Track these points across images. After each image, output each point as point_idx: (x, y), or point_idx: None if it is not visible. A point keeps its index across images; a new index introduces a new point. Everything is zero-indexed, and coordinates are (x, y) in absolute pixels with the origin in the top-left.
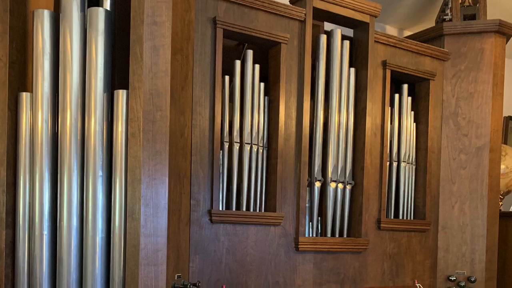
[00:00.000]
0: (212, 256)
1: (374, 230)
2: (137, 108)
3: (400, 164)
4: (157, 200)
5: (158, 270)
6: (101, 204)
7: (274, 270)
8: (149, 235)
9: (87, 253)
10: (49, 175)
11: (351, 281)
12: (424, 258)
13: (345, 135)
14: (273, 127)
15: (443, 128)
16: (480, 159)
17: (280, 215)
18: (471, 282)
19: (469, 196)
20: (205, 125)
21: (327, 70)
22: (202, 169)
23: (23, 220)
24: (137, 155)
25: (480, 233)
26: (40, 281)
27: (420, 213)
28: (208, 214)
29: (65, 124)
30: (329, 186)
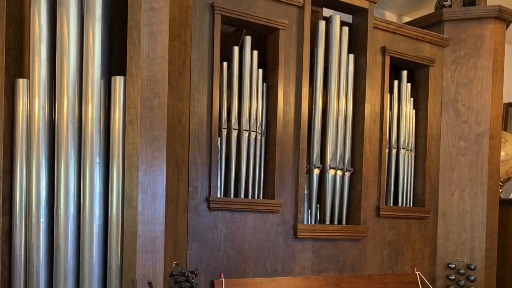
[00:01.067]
0: (210, 243)
1: (373, 218)
2: (134, 95)
3: (399, 151)
4: (155, 187)
5: (156, 258)
6: (98, 191)
7: (273, 258)
8: (146, 222)
9: (84, 241)
10: (46, 162)
11: (350, 268)
12: (423, 245)
13: (344, 122)
14: (272, 114)
15: (443, 114)
16: (480, 146)
17: (278, 202)
18: (471, 270)
19: (469, 183)
20: (203, 112)
21: (326, 56)
22: (200, 156)
23: (20, 207)
24: (135, 142)
25: (480, 221)
26: (37, 269)
27: (420, 200)
28: (206, 202)
29: (62, 111)
30: (328, 173)
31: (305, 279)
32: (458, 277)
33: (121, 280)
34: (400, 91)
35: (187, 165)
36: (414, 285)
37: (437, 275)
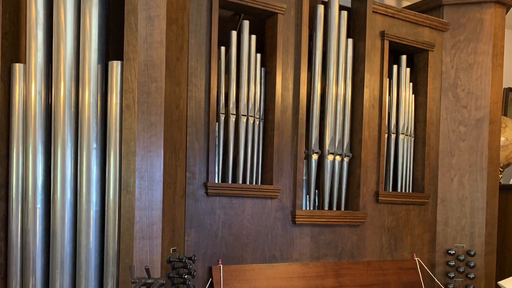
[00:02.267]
0: (208, 229)
1: (372, 203)
2: (131, 80)
3: (398, 136)
4: (152, 172)
5: (153, 244)
6: (95, 177)
7: (271, 244)
8: (144, 208)
9: (81, 227)
10: (42, 147)
11: (348, 254)
12: (422, 231)
13: (342, 107)
14: (270, 99)
15: (442, 99)
16: (479, 131)
17: (276, 188)
18: (471, 256)
19: (469, 169)
20: (200, 97)
21: (324, 41)
22: (197, 142)
23: (16, 193)
24: (132, 127)
25: (479, 206)
26: (33, 255)
27: (419, 186)
28: (203, 187)
29: (58, 96)
30: (327, 158)
31: (304, 265)
32: (458, 263)
33: (118, 266)
34: (399, 76)
35: (185, 151)
36: (414, 271)
37: (436, 261)
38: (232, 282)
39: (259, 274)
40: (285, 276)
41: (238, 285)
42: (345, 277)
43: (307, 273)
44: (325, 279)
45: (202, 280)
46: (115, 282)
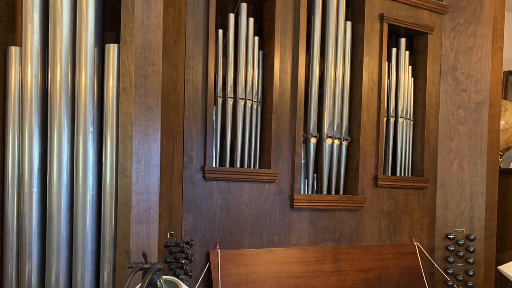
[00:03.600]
0: (205, 214)
1: (371, 187)
2: (128, 63)
3: (397, 120)
4: (149, 156)
5: (150, 228)
6: (91, 160)
7: (269, 228)
8: (141, 192)
9: (78, 211)
10: (38, 131)
11: (347, 239)
12: (422, 216)
13: (341, 90)
14: (268, 82)
15: (442, 83)
16: (479, 115)
17: (275, 172)
18: (470, 241)
19: (468, 153)
20: (198, 80)
21: (323, 23)
22: (195, 125)
23: (12, 177)
24: (129, 111)
25: (479, 191)
26: (29, 239)
27: (418, 170)
28: (201, 171)
29: (55, 79)
30: (325, 142)
31: (302, 250)
32: (457, 247)
33: (115, 251)
34: (398, 59)
35: (182, 134)
36: (413, 256)
37: (436, 245)
38: (229, 266)
39: (257, 258)
40: (283, 261)
41: (236, 270)
42: (343, 261)
43: (306, 258)
44: (324, 263)
45: (199, 265)
46: (112, 267)
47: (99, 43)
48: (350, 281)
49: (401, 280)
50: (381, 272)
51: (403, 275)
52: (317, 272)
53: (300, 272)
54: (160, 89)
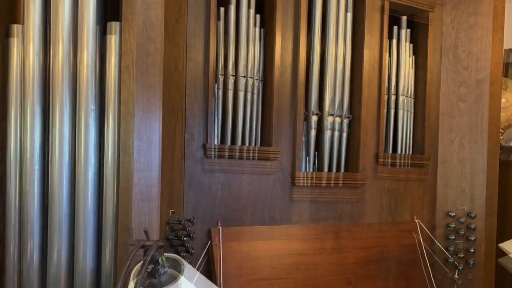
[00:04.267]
0: (207, 191)
1: (372, 165)
2: (130, 41)
3: (398, 98)
4: (151, 134)
5: (152, 206)
6: (93, 138)
7: (270, 206)
8: (142, 170)
9: (79, 189)
10: (40, 109)
11: (348, 217)
12: (423, 193)
13: (342, 68)
14: (269, 60)
15: (443, 61)
16: (480, 93)
17: (276, 149)
18: (471, 218)
19: (469, 130)
20: (199, 58)
21: (324, 1)
22: (196, 103)
23: (14, 155)
24: (130, 89)
25: (480, 168)
26: (31, 217)
27: (419, 147)
28: (202, 149)
29: (56, 57)
30: (326, 120)
31: (303, 227)
32: (458, 225)
33: (117, 228)
34: (399, 37)
35: (184, 112)
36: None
37: (437, 223)
38: (231, 244)
39: (258, 236)
40: (285, 238)
41: (237, 247)
42: (344, 239)
43: (307, 235)
44: (325, 241)
45: (201, 242)
46: (113, 244)
47: (100, 21)
48: (351, 258)
49: (402, 258)
50: (382, 249)
51: (404, 253)
52: (318, 249)
53: (301, 249)
54: (161, 67)
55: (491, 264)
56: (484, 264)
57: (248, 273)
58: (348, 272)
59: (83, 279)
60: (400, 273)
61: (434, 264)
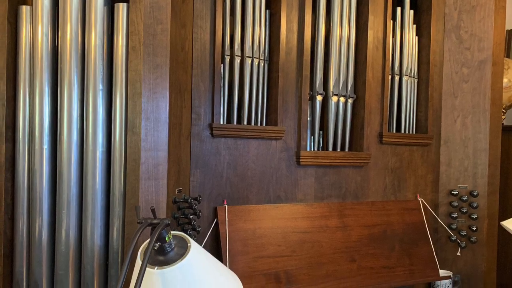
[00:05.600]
0: (213, 170)
1: (376, 144)
2: (137, 22)
3: (402, 78)
4: (158, 114)
5: (159, 184)
6: (101, 118)
7: (276, 184)
8: (149, 149)
9: (88, 168)
10: (49, 89)
11: (352, 195)
12: (426, 172)
13: (346, 48)
14: (275, 41)
15: (445, 41)
16: (482, 73)
17: (281, 129)
18: (474, 197)
19: (471, 110)
20: (206, 39)
21: None
22: (203, 83)
23: (23, 134)
24: (138, 69)
25: (482, 147)
26: (40, 195)
27: (422, 127)
28: (209, 128)
29: (65, 38)
30: (331, 99)
31: (308, 205)
32: (461, 203)
33: (124, 206)
34: (403, 18)
35: (190, 92)
36: (417, 211)
37: (439, 201)
38: (237, 222)
39: (264, 214)
40: (290, 216)
41: (243, 225)
42: (349, 217)
43: (311, 214)
44: (329, 219)
45: (207, 221)
46: (121, 223)
47: (108, 2)
48: (355, 236)
49: (405, 235)
50: (386, 227)
51: (407, 231)
52: (322, 227)
53: (306, 227)
54: (168, 48)
55: (493, 241)
56: (486, 241)
57: (253, 250)
58: (352, 250)
59: (91, 257)
60: (404, 250)
61: (437, 241)
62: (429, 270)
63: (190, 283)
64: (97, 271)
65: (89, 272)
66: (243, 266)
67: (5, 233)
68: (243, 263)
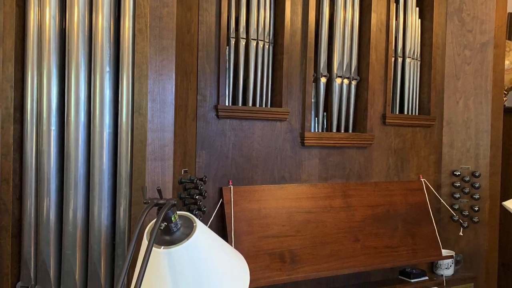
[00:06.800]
0: (218, 151)
1: (379, 126)
2: (144, 4)
3: (405, 60)
4: (164, 95)
5: (165, 165)
6: (108, 99)
7: (280, 165)
8: (156, 130)
9: (95, 149)
10: (56, 71)
11: (356, 176)
12: (429, 153)
13: (350, 31)
14: (279, 23)
15: (448, 24)
16: (484, 55)
17: (286, 110)
18: (476, 177)
19: (474, 92)
20: (211, 21)
21: None
22: (208, 65)
23: (31, 115)
24: (144, 51)
25: (484, 129)
26: (47, 176)
27: (425, 108)
28: (214, 110)
29: (72, 20)
30: (335, 81)
31: (312, 186)
32: (463, 184)
33: (131, 187)
34: (406, 1)
35: (196, 74)
36: (420, 192)
37: (442, 182)
38: (242, 202)
39: (269, 194)
40: (294, 196)
41: (248, 205)
42: (352, 197)
43: (316, 194)
44: (333, 199)
45: (212, 201)
46: (128, 203)
47: None
48: (358, 216)
49: (408, 216)
50: (389, 207)
51: (410, 211)
52: (326, 207)
53: (310, 207)
54: (174, 30)
55: (495, 221)
56: (488, 221)
57: (258, 230)
58: (356, 230)
59: (98, 236)
60: (407, 230)
61: (439, 221)
62: (432, 250)
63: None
64: (104, 250)
65: (96, 252)
66: (248, 246)
67: (13, 213)
68: (248, 242)
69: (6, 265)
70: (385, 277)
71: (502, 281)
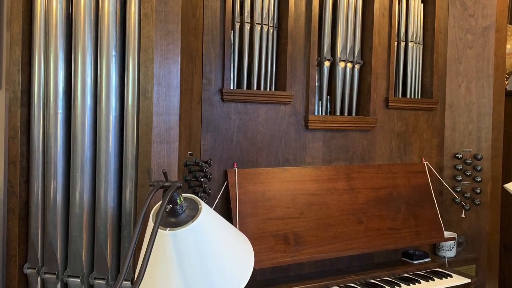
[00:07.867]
0: (223, 134)
1: (382, 109)
2: None
3: (407, 44)
4: (170, 79)
5: (171, 148)
6: (114, 83)
7: (284, 148)
8: (161, 113)
9: (101, 132)
10: (63, 55)
11: (359, 158)
12: (431, 136)
13: (353, 15)
14: (283, 8)
15: (450, 8)
16: (486, 39)
17: (290, 94)
18: (478, 160)
19: (476, 75)
20: (216, 6)
21: None
22: (213, 49)
23: (38, 99)
24: (150, 35)
25: (486, 112)
26: (54, 159)
27: (428, 92)
28: (219, 93)
29: (79, 5)
30: (338, 65)
31: (316, 168)
32: (465, 166)
33: (137, 169)
34: None
35: (201, 58)
36: (422, 174)
37: (444, 165)
38: (246, 184)
39: (273, 177)
40: (298, 179)
41: (253, 188)
42: (356, 180)
43: (320, 176)
44: (337, 182)
45: (217, 183)
46: (134, 185)
47: None
48: (362, 198)
49: (411, 198)
50: (392, 190)
51: (413, 193)
52: (330, 190)
53: (314, 190)
54: (180, 15)
55: (496, 204)
56: (490, 203)
57: (262, 212)
58: (359, 212)
59: (104, 218)
60: (409, 212)
61: (442, 203)
62: (434, 232)
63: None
64: (110, 232)
65: (102, 234)
66: (252, 228)
67: (20, 195)
68: (252, 224)
69: (14, 246)
70: (388, 258)
71: (503, 262)
